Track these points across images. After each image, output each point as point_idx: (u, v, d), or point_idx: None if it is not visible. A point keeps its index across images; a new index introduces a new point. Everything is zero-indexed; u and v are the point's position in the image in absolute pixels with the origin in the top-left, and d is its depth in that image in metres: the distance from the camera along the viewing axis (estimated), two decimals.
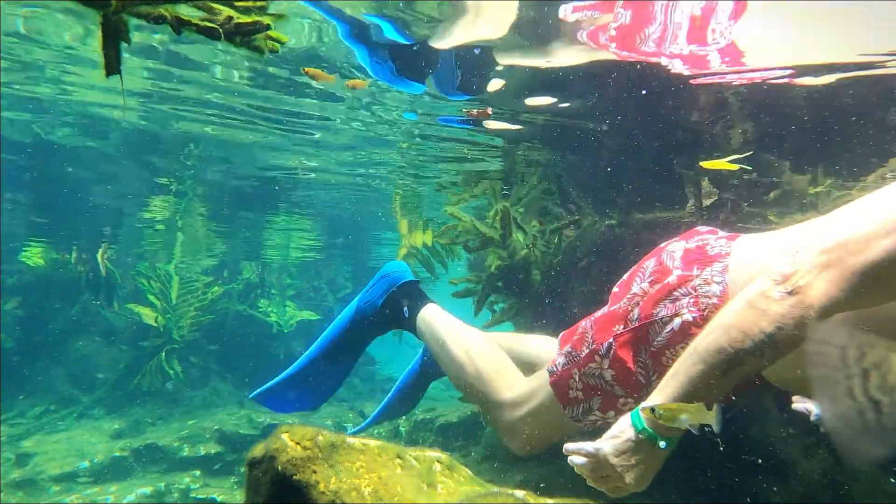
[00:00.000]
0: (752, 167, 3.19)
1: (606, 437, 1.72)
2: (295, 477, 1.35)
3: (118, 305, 9.37)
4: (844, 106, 3.39)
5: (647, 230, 3.54)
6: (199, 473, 6.18)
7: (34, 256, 10.96)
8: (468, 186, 6.83)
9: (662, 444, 1.63)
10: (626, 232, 3.68)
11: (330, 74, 3.74)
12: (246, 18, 1.38)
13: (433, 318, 2.76)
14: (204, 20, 1.35)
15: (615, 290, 2.24)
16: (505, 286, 3.91)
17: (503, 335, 2.95)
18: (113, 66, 1.21)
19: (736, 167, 2.91)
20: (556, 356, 2.24)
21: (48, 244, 10.78)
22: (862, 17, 2.72)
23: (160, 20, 1.22)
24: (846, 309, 1.52)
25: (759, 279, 1.63)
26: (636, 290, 2.11)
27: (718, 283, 1.91)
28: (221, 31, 1.35)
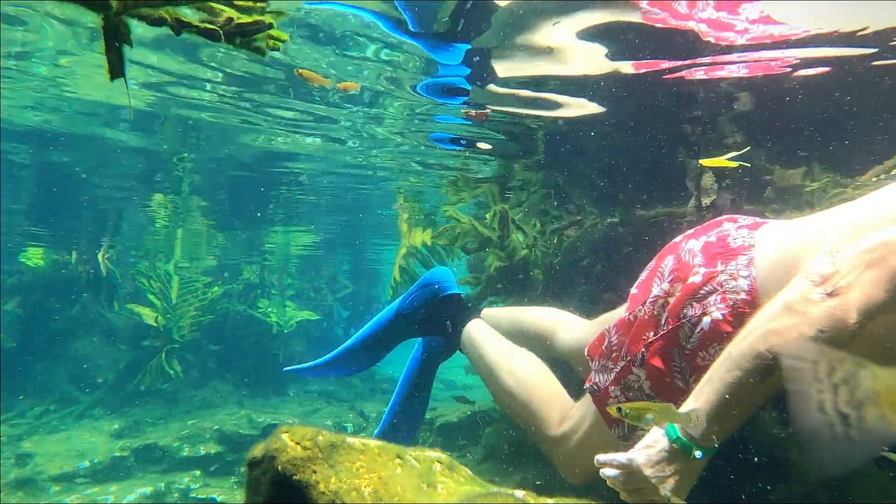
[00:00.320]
0: (750, 164, 3.18)
1: (639, 447, 1.64)
2: (295, 477, 1.35)
3: (118, 305, 9.38)
4: (843, 101, 3.39)
5: (648, 228, 3.53)
6: (199, 473, 6.18)
7: (34, 256, 10.96)
8: (468, 187, 6.85)
9: (699, 453, 1.55)
10: (627, 230, 3.68)
11: (325, 78, 3.71)
12: (247, 18, 1.38)
13: (479, 337, 2.70)
14: (204, 21, 1.35)
15: (633, 291, 2.17)
16: (504, 287, 3.92)
17: (506, 316, 2.95)
18: (116, 69, 1.21)
19: (735, 164, 2.90)
20: (591, 373, 2.16)
21: (48, 244, 10.78)
22: None
23: (161, 22, 1.22)
24: (889, 311, 1.46)
25: (796, 280, 1.55)
26: (658, 291, 2.03)
27: (745, 277, 1.83)
28: (222, 32, 1.35)
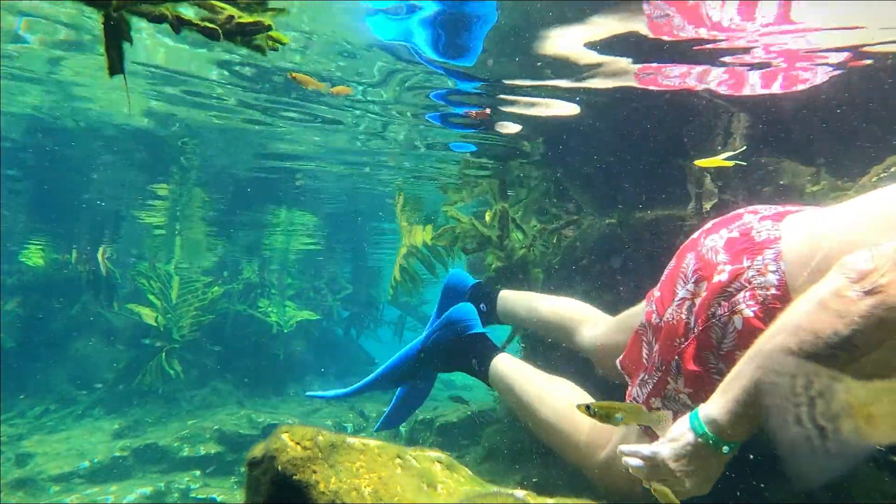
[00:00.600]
0: (747, 164, 3.18)
1: (665, 440, 1.63)
2: (295, 477, 1.35)
3: (118, 305, 9.38)
4: (845, 101, 3.38)
5: (647, 229, 3.53)
6: (199, 473, 6.18)
7: (34, 256, 10.97)
8: (468, 187, 6.85)
9: (725, 448, 1.54)
10: (626, 231, 3.68)
11: (320, 82, 3.70)
12: (248, 18, 1.37)
13: (507, 372, 2.66)
14: (205, 19, 1.35)
15: (656, 294, 2.11)
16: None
17: (524, 302, 3.01)
18: (116, 66, 1.21)
19: (731, 164, 2.89)
20: (630, 388, 2.12)
21: (48, 244, 10.79)
22: None
23: (160, 19, 1.22)
24: None
25: (831, 275, 1.48)
26: (683, 293, 1.95)
27: (774, 271, 1.76)
28: (221, 30, 1.35)
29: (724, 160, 2.87)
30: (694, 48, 3.10)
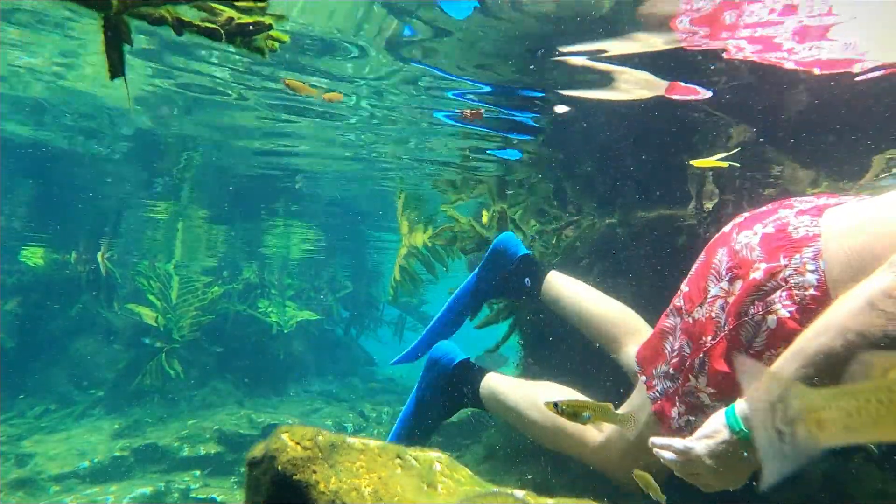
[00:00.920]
0: (747, 164, 3.18)
1: (698, 435, 1.60)
2: (295, 477, 1.35)
3: (118, 305, 9.37)
4: (851, 104, 3.38)
5: (648, 229, 3.54)
6: (199, 473, 6.18)
7: (34, 256, 10.96)
8: (467, 187, 6.85)
9: None
10: (626, 231, 3.68)
11: (312, 88, 3.69)
12: (247, 19, 1.38)
13: (496, 390, 2.60)
14: (205, 21, 1.35)
15: (684, 288, 2.04)
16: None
17: (571, 291, 2.91)
18: (117, 68, 1.21)
19: (726, 164, 2.89)
20: (650, 379, 2.07)
21: (48, 244, 10.78)
22: None
23: (161, 21, 1.22)
24: None
25: (880, 273, 1.40)
26: (716, 291, 1.87)
27: (813, 271, 1.67)
28: (222, 32, 1.35)
29: (718, 161, 2.87)
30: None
